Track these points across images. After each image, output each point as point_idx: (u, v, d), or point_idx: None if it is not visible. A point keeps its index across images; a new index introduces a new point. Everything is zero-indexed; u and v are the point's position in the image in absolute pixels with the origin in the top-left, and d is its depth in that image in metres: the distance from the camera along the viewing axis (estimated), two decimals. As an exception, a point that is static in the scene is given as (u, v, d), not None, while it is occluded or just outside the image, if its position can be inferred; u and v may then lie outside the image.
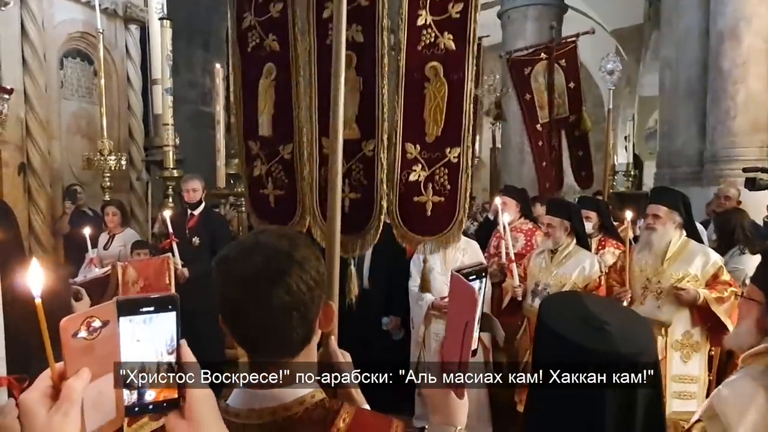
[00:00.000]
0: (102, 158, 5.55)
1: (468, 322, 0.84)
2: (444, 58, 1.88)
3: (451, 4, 1.85)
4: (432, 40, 1.87)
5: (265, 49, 2.01)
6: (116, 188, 6.45)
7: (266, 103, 2.03)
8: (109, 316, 0.70)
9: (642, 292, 3.29)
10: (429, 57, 1.88)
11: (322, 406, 0.94)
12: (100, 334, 0.69)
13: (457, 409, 0.91)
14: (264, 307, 0.88)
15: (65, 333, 0.67)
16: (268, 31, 1.99)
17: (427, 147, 1.93)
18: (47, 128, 6.00)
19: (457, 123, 1.90)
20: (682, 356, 3.20)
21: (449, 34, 1.86)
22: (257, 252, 0.92)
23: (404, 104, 1.93)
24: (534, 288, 3.71)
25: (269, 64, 2.02)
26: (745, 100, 6.10)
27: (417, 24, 1.87)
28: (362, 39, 1.89)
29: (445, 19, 1.86)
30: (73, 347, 0.68)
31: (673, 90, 7.26)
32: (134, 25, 7.10)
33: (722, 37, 6.25)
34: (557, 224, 3.64)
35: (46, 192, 5.96)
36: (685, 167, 6.98)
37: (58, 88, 6.34)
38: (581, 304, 0.92)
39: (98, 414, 0.71)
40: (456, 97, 1.88)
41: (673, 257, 3.23)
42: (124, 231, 4.79)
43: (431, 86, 1.89)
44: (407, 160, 1.94)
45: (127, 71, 7.09)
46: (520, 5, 10.20)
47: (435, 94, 1.89)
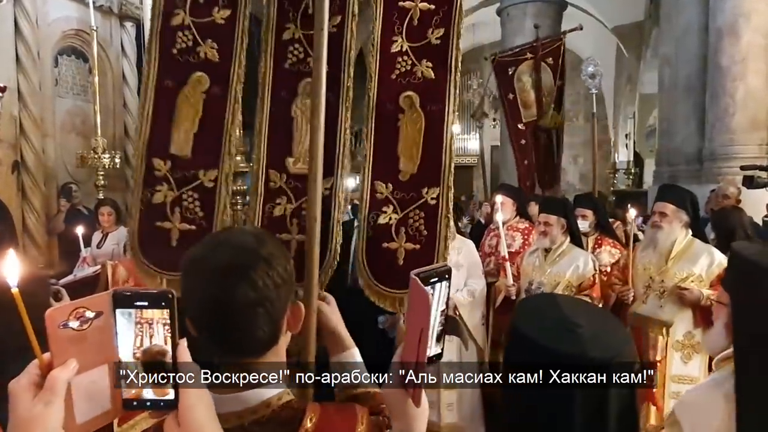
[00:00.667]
0: (96, 156, 5.53)
1: (423, 330, 0.80)
2: (421, 88, 1.73)
3: (431, 29, 1.72)
4: (408, 68, 1.73)
5: (198, 55, 1.77)
6: (112, 186, 6.44)
7: (186, 117, 1.75)
8: (102, 307, 0.70)
9: (645, 290, 3.25)
10: (404, 86, 1.73)
11: (290, 407, 0.93)
12: (91, 325, 0.69)
13: (416, 417, 0.88)
14: (229, 302, 0.87)
15: (51, 322, 0.67)
16: (207, 36, 1.77)
17: (401, 186, 1.75)
18: (41, 126, 5.98)
19: (435, 160, 1.72)
20: (683, 357, 3.16)
21: (428, 61, 1.73)
22: (224, 248, 0.92)
23: (375, 138, 1.75)
24: (528, 287, 3.68)
25: (199, 73, 1.77)
26: (744, 97, 6.05)
27: (391, 51, 1.74)
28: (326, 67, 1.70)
29: (423, 45, 1.73)
30: (59, 337, 0.68)
31: (673, 87, 7.22)
32: (130, 22, 7.09)
33: (721, 34, 6.21)
34: (554, 222, 3.61)
35: (40, 190, 5.94)
36: (684, 165, 6.94)
37: (53, 86, 6.31)
38: (556, 307, 0.89)
39: (91, 404, 0.71)
40: (434, 131, 1.72)
41: (677, 256, 3.18)
42: (117, 229, 4.76)
43: (406, 118, 1.74)
44: (376, 200, 1.74)
45: (122, 69, 7.07)
46: (519, 2, 10.17)
47: (410, 126, 1.73)
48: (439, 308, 0.84)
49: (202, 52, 1.77)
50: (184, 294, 0.90)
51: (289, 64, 1.74)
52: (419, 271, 0.81)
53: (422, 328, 0.80)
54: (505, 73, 6.37)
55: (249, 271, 0.88)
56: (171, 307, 0.70)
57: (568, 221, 3.65)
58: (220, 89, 1.76)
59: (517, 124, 6.42)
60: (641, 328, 3.25)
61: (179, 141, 1.75)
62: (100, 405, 0.72)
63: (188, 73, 1.77)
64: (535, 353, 0.81)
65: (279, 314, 0.93)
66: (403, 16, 1.73)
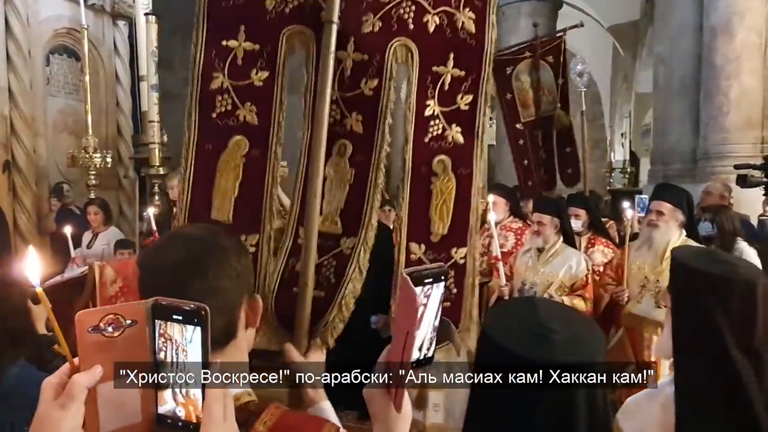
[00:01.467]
0: (87, 155, 5.49)
1: (409, 332, 0.78)
2: (452, 152, 1.76)
3: (461, 95, 1.75)
4: (440, 131, 1.76)
5: (237, 118, 1.77)
6: (104, 186, 6.40)
7: (227, 182, 1.75)
8: (137, 316, 0.68)
9: (639, 290, 3.24)
10: (437, 150, 1.77)
11: (246, 409, 0.91)
12: (124, 333, 0.67)
13: (396, 421, 0.86)
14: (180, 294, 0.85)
15: (80, 326, 0.66)
16: (245, 99, 1.76)
17: (433, 247, 1.80)
18: (32, 125, 5.94)
19: (464, 222, 1.77)
20: (676, 357, 3.15)
21: (457, 126, 1.76)
22: (179, 242, 0.94)
23: (410, 200, 1.78)
24: (521, 287, 3.66)
25: (239, 137, 1.76)
26: (738, 95, 6.04)
27: (425, 114, 1.75)
28: (361, 129, 1.74)
29: (453, 110, 1.75)
30: (87, 341, 0.66)
31: (667, 86, 7.21)
32: (122, 21, 7.04)
33: (715, 33, 6.20)
34: (548, 222, 3.60)
35: (31, 190, 5.90)
36: (679, 164, 6.93)
37: (44, 85, 6.27)
38: (531, 311, 0.87)
39: (118, 414, 0.69)
40: (463, 194, 1.76)
41: (672, 256, 3.18)
42: (107, 229, 4.73)
43: (438, 181, 1.77)
44: (411, 261, 1.77)
45: (115, 68, 7.03)
46: (514, 1, 10.14)
47: (442, 189, 1.77)
48: (433, 311, 0.81)
49: (241, 115, 1.76)
50: (142, 292, 0.89)
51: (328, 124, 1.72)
52: (412, 270, 0.79)
53: (408, 330, 0.78)
54: (503, 73, 6.30)
55: (199, 262, 0.89)
56: (203, 325, 0.67)
57: (561, 221, 3.64)
58: (259, 152, 1.75)
59: (515, 124, 6.36)
60: (636, 328, 3.25)
61: (220, 206, 1.75)
62: (128, 416, 0.69)
63: (228, 137, 1.76)
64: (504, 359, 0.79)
65: (232, 306, 0.92)
66: (436, 80, 1.75)
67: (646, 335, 3.20)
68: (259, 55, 1.75)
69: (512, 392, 0.78)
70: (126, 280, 3.15)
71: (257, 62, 1.75)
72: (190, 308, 0.68)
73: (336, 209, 1.76)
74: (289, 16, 1.72)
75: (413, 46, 1.73)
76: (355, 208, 1.74)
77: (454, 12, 1.71)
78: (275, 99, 1.76)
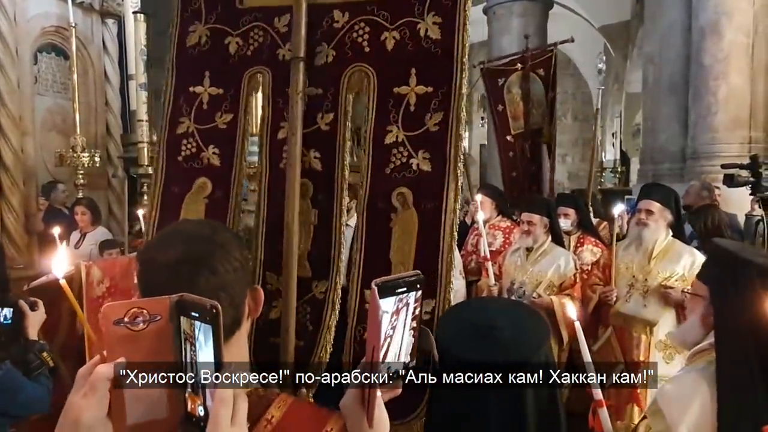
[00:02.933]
0: (75, 155, 5.44)
1: (375, 347, 0.75)
2: (415, 183, 1.57)
3: (429, 115, 1.56)
4: (404, 160, 1.57)
5: (202, 161, 1.78)
6: (93, 185, 6.35)
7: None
8: (161, 311, 0.68)
9: (628, 290, 3.25)
10: (398, 181, 1.58)
11: (256, 395, 0.92)
12: (147, 327, 0.68)
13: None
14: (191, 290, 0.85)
15: (105, 319, 0.67)
16: (209, 142, 1.76)
17: None
18: (20, 124, 5.87)
19: (432, 265, 1.50)
20: (665, 357, 3.16)
21: (425, 152, 1.56)
22: (178, 238, 0.94)
23: (365, 241, 1.61)
24: (510, 286, 3.67)
25: (203, 179, 1.78)
26: (727, 95, 6.08)
27: (386, 143, 1.59)
28: (320, 167, 1.66)
29: (421, 134, 1.56)
30: (112, 334, 0.67)
31: (656, 86, 7.25)
32: (111, 19, 6.98)
33: (704, 33, 6.23)
34: (537, 221, 3.62)
35: (19, 189, 5.84)
36: (668, 163, 6.97)
37: (32, 84, 6.20)
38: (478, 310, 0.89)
39: (145, 408, 0.69)
40: (429, 233, 1.53)
41: (659, 256, 3.19)
42: (95, 229, 4.69)
43: (398, 218, 1.59)
44: (365, 312, 1.55)
45: (104, 66, 6.96)
46: (505, 1, 10.15)
47: (402, 227, 1.58)
48: (405, 320, 0.78)
49: (205, 158, 1.79)
50: (144, 291, 0.89)
51: (283, 164, 1.68)
52: (383, 280, 0.75)
53: (374, 346, 0.75)
54: (494, 84, 6.34)
55: (207, 258, 0.90)
56: (214, 325, 0.67)
57: (550, 220, 3.65)
58: (222, 193, 1.76)
59: (506, 136, 6.40)
60: (625, 328, 3.26)
61: None
62: (155, 411, 0.69)
63: (193, 180, 1.79)
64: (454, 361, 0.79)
65: (240, 299, 0.93)
66: (399, 102, 1.60)
67: (635, 334, 3.21)
68: (224, 99, 1.76)
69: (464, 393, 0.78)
70: (113, 280, 3.12)
71: (222, 106, 1.76)
72: (204, 304, 0.68)
73: (303, 252, 1.67)
74: (251, 57, 1.72)
75: (371, 70, 1.61)
76: (323, 250, 1.65)
77: (417, 21, 1.57)
78: (237, 140, 1.75)
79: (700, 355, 1.39)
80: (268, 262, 1.71)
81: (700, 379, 1.32)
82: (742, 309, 1.28)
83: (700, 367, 1.36)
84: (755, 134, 6.09)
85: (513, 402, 0.78)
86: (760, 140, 6.07)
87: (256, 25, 1.70)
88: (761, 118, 6.09)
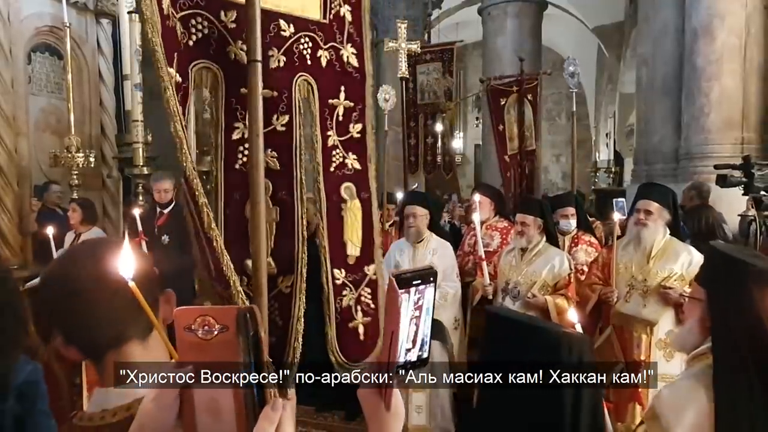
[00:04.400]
0: (70, 155, 5.42)
1: (393, 332, 0.79)
2: (353, 178, 1.89)
3: (352, 124, 1.86)
4: (341, 160, 1.87)
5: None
6: (88, 186, 6.33)
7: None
8: (228, 321, 0.67)
9: (627, 289, 3.26)
10: (342, 177, 1.89)
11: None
12: (215, 338, 0.66)
13: (388, 419, 0.87)
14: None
15: (178, 322, 0.67)
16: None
17: (350, 269, 1.92)
18: (14, 125, 5.84)
19: (369, 240, 1.91)
20: (665, 355, 3.18)
21: (353, 154, 1.87)
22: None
23: (328, 230, 1.88)
24: (504, 286, 3.69)
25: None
26: (719, 96, 6.12)
27: (328, 145, 1.85)
28: (278, 166, 1.77)
29: (347, 139, 1.86)
30: (184, 340, 0.67)
31: (650, 87, 7.29)
32: (105, 19, 6.95)
33: (696, 34, 6.28)
34: (531, 222, 3.64)
35: (13, 190, 5.80)
36: (661, 164, 7.02)
37: (26, 84, 6.18)
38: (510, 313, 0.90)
39: (215, 421, 0.68)
40: (366, 215, 1.90)
41: (658, 255, 3.21)
42: (90, 230, 4.67)
43: (347, 207, 1.89)
44: (337, 287, 1.89)
45: (98, 66, 6.94)
46: (500, 2, 10.19)
47: (352, 214, 1.89)
48: (421, 312, 0.81)
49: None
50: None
51: (240, 164, 1.73)
52: (399, 272, 0.79)
53: (393, 331, 0.79)
54: (497, 103, 6.48)
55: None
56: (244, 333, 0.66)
57: (544, 221, 3.67)
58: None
59: (504, 155, 6.55)
60: (625, 328, 3.27)
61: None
62: (224, 426, 0.68)
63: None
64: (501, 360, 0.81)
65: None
66: (332, 112, 1.85)
67: (635, 334, 3.22)
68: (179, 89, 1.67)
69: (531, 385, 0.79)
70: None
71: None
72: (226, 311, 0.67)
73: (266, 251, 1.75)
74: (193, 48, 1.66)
75: (312, 81, 1.80)
76: (286, 245, 1.77)
77: (340, 47, 1.81)
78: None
79: (699, 359, 1.39)
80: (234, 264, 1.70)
81: (697, 384, 1.32)
82: (738, 311, 1.27)
83: (697, 372, 1.35)
84: (747, 135, 6.13)
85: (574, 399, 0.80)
86: (753, 141, 6.12)
87: (198, 13, 1.63)
88: (753, 120, 6.14)
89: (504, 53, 10.07)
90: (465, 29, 14.78)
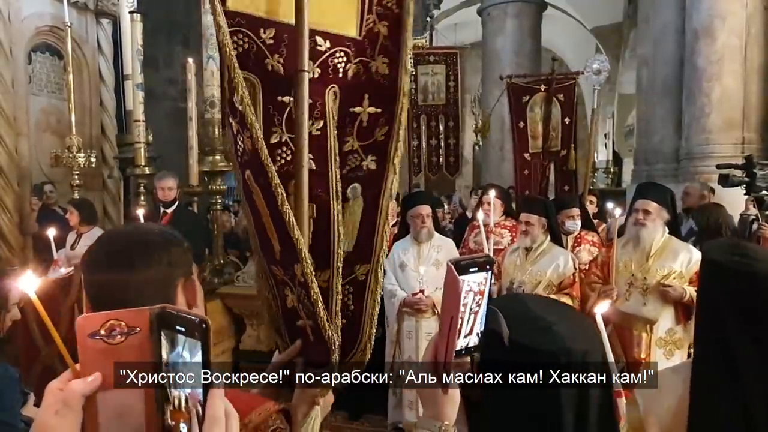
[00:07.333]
0: (70, 155, 5.41)
1: (453, 318, 0.81)
2: (365, 179, 1.90)
3: (378, 128, 1.88)
4: (357, 163, 1.90)
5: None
6: (88, 186, 6.31)
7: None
8: (139, 323, 0.64)
9: (627, 288, 3.27)
10: (351, 180, 1.90)
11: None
12: (125, 341, 0.64)
13: (444, 404, 0.89)
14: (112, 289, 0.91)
15: (80, 331, 0.63)
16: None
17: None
18: (14, 125, 5.83)
19: (369, 239, 1.89)
20: (665, 353, 3.19)
21: (373, 155, 1.89)
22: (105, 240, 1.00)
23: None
24: (509, 285, 3.70)
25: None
26: (720, 97, 6.14)
27: (344, 150, 1.88)
28: (314, 166, 1.82)
29: (370, 143, 1.89)
30: (88, 347, 0.64)
31: (650, 87, 7.31)
32: (106, 19, 6.93)
33: (697, 35, 6.30)
34: (535, 222, 3.65)
35: (13, 190, 5.79)
36: (662, 164, 7.03)
37: (26, 84, 6.16)
38: (524, 306, 0.89)
39: (122, 426, 0.66)
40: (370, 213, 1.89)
41: (657, 254, 3.23)
42: (91, 230, 4.65)
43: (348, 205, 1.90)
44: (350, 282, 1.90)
45: (99, 66, 6.92)
46: (499, 2, 10.20)
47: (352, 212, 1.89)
48: (476, 299, 0.83)
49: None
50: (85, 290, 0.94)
51: (278, 166, 1.78)
52: (457, 260, 0.81)
53: (452, 316, 0.80)
54: (518, 100, 6.48)
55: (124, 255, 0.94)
56: (203, 341, 0.62)
57: (549, 221, 3.68)
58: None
59: (524, 153, 6.52)
60: (625, 326, 3.28)
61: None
62: (132, 429, 0.66)
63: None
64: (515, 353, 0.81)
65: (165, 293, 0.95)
66: (354, 119, 1.89)
67: (635, 332, 3.24)
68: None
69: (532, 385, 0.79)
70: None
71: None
72: (193, 319, 0.63)
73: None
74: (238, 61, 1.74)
75: (338, 91, 1.86)
76: (323, 242, 1.80)
77: (369, 60, 1.86)
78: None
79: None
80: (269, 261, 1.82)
81: (676, 374, 1.35)
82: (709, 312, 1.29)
83: (684, 364, 1.39)
84: (748, 135, 6.16)
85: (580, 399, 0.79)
86: (753, 141, 6.14)
87: (240, 30, 1.75)
88: (754, 120, 6.16)
89: (503, 53, 10.09)
90: (463, 30, 14.80)
